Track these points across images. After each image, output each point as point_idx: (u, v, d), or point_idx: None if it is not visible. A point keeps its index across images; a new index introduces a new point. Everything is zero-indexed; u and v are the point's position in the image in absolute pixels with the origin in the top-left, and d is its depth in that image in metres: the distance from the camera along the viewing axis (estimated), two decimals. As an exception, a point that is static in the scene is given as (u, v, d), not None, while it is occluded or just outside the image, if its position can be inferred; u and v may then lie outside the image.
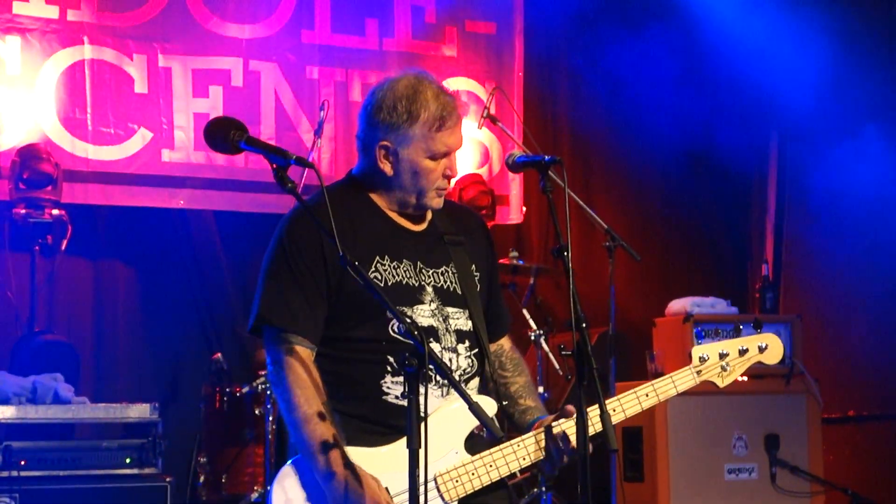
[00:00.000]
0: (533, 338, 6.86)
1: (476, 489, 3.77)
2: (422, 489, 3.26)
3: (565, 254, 3.77)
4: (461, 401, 3.57)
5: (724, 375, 4.22)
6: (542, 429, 3.82)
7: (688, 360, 6.74)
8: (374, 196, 3.90)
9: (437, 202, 3.89)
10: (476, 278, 4.00)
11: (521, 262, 7.14)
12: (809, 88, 8.16)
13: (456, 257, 3.96)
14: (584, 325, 3.69)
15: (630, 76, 8.75)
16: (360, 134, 3.91)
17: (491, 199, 7.95)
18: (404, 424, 3.47)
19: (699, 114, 8.77)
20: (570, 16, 8.74)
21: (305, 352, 3.72)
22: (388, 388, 3.76)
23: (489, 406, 3.77)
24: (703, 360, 4.17)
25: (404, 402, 3.51)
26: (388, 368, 3.76)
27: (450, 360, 3.81)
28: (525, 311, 7.03)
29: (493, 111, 7.22)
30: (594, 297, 7.66)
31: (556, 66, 8.85)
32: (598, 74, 8.78)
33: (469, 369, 3.87)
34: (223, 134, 3.41)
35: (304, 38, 8.01)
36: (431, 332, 3.79)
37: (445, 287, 3.90)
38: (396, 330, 3.74)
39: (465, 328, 3.89)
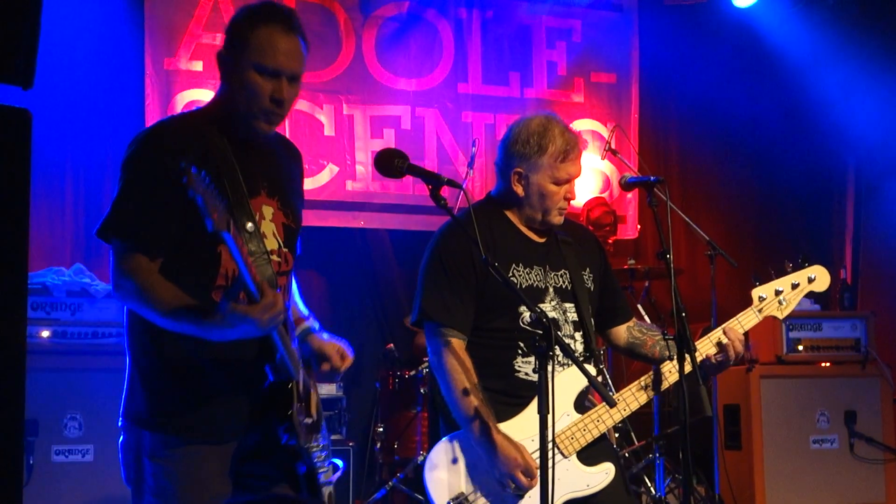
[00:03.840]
0: (647, 330, 6.80)
1: (588, 442, 3.82)
2: (550, 445, 3.29)
3: (668, 256, 3.80)
4: (565, 371, 3.77)
5: (783, 309, 4.06)
6: (629, 386, 3.92)
7: (777, 348, 6.69)
8: (508, 213, 3.99)
9: (559, 220, 3.96)
10: (589, 279, 4.05)
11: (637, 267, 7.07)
12: (882, 114, 8.02)
13: (569, 262, 4.00)
14: (683, 314, 3.71)
15: (727, 115, 8.70)
16: (498, 162, 4.00)
17: (613, 218, 7.92)
18: (531, 395, 3.67)
19: (787, 144, 8.70)
20: (677, 67, 8.72)
21: (459, 342, 3.80)
22: (519, 367, 3.84)
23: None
24: (762, 299, 4.03)
25: (532, 378, 3.72)
26: (519, 352, 3.84)
27: (569, 343, 3.85)
28: (641, 308, 6.98)
29: (613, 146, 7.17)
30: (698, 297, 7.58)
31: (666, 107, 8.80)
32: (701, 114, 8.74)
33: (583, 353, 3.93)
34: (390, 161, 3.48)
35: (459, 89, 8.09)
36: (556, 323, 3.85)
37: (562, 286, 3.96)
38: (528, 319, 3.81)
39: (578, 320, 3.94)
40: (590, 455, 3.82)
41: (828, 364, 6.83)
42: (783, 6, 8.38)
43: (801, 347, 6.77)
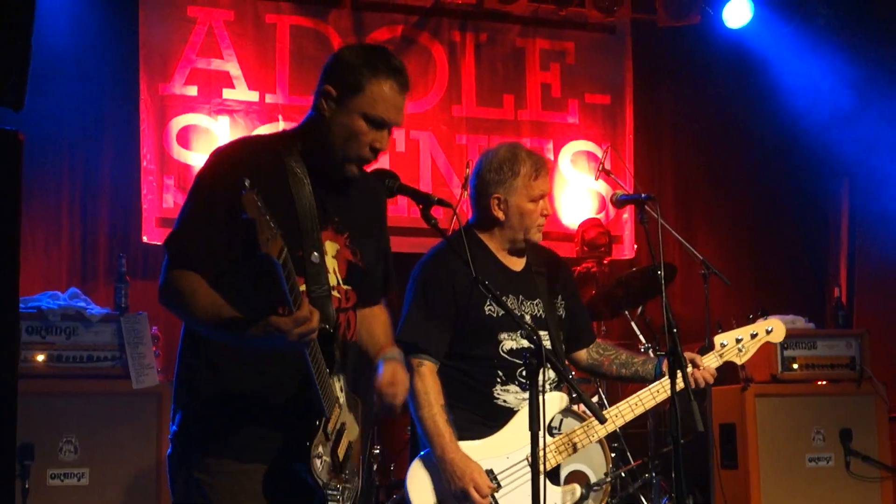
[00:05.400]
0: (643, 350, 6.81)
1: (558, 463, 4.08)
2: (523, 465, 3.59)
3: (658, 272, 3.92)
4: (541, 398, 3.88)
5: (741, 355, 4.39)
6: (587, 422, 4.17)
7: (772, 366, 6.71)
8: (487, 242, 4.23)
9: (538, 236, 4.24)
10: (561, 306, 4.33)
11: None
12: (876, 133, 8.07)
13: (542, 291, 4.26)
14: (675, 329, 3.83)
15: (721, 134, 8.75)
16: (472, 193, 4.29)
17: (608, 239, 7.96)
18: (506, 420, 4.03)
19: (782, 163, 8.75)
20: (672, 88, 8.77)
21: (431, 366, 4.06)
22: (498, 394, 4.10)
23: (562, 400, 4.15)
24: (723, 345, 4.38)
25: (510, 405, 4.07)
26: (498, 380, 4.10)
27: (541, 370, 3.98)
28: (635, 327, 6.97)
29: (607, 166, 7.20)
30: (693, 317, 7.61)
31: (661, 128, 8.83)
32: (695, 134, 8.79)
33: (554, 379, 4.15)
34: (380, 181, 3.48)
35: (454, 111, 8.14)
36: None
37: (537, 315, 4.22)
38: (507, 347, 4.08)
39: (550, 348, 4.18)
40: (561, 475, 4.11)
41: (823, 382, 6.83)
42: (775, 25, 8.43)
43: (795, 366, 6.77)
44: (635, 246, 8.36)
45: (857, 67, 8.16)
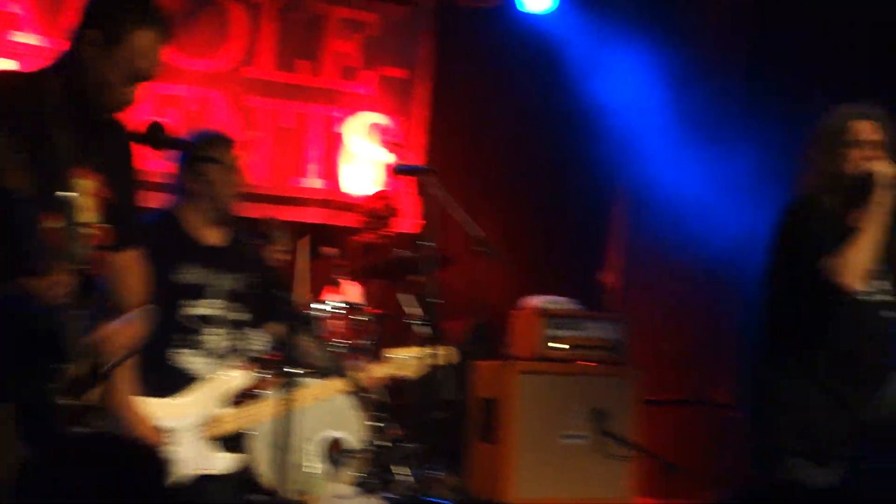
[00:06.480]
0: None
1: (226, 433, 4.42)
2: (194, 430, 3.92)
3: (422, 242, 4.06)
4: (229, 374, 4.46)
5: (407, 369, 4.93)
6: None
7: (537, 344, 6.91)
8: (184, 217, 4.62)
9: (233, 206, 4.65)
10: (258, 281, 4.64)
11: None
12: (665, 123, 8.36)
13: (242, 265, 4.57)
14: (435, 302, 3.97)
15: (517, 117, 8.90)
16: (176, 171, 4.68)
17: (391, 211, 7.99)
18: (177, 381, 4.38)
19: (572, 151, 8.95)
20: (472, 68, 8.86)
21: None
22: (170, 356, 4.43)
23: (248, 377, 4.53)
24: (392, 358, 5.00)
25: (179, 367, 4.42)
26: (174, 342, 4.44)
27: (215, 339, 4.51)
28: (400, 298, 6.98)
29: (399, 140, 7.24)
30: (472, 293, 7.72)
31: (459, 107, 8.89)
32: (492, 116, 8.91)
33: (227, 347, 4.54)
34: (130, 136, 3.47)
35: (247, 73, 8.05)
36: (217, 320, 4.52)
37: (233, 289, 4.61)
38: (184, 313, 4.43)
39: (236, 319, 4.55)
40: (228, 444, 4.41)
41: (585, 363, 7.05)
42: (577, 13, 8.65)
43: (560, 345, 6.96)
44: (421, 221, 8.42)
45: (657, 57, 8.39)
